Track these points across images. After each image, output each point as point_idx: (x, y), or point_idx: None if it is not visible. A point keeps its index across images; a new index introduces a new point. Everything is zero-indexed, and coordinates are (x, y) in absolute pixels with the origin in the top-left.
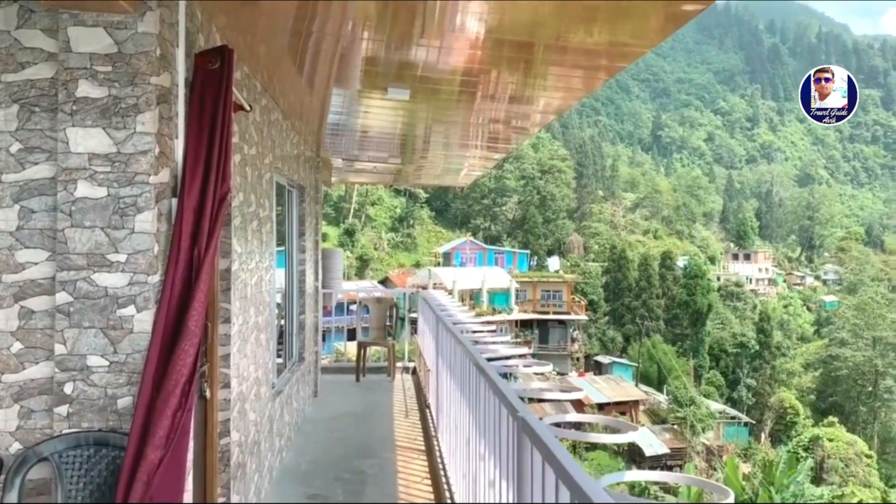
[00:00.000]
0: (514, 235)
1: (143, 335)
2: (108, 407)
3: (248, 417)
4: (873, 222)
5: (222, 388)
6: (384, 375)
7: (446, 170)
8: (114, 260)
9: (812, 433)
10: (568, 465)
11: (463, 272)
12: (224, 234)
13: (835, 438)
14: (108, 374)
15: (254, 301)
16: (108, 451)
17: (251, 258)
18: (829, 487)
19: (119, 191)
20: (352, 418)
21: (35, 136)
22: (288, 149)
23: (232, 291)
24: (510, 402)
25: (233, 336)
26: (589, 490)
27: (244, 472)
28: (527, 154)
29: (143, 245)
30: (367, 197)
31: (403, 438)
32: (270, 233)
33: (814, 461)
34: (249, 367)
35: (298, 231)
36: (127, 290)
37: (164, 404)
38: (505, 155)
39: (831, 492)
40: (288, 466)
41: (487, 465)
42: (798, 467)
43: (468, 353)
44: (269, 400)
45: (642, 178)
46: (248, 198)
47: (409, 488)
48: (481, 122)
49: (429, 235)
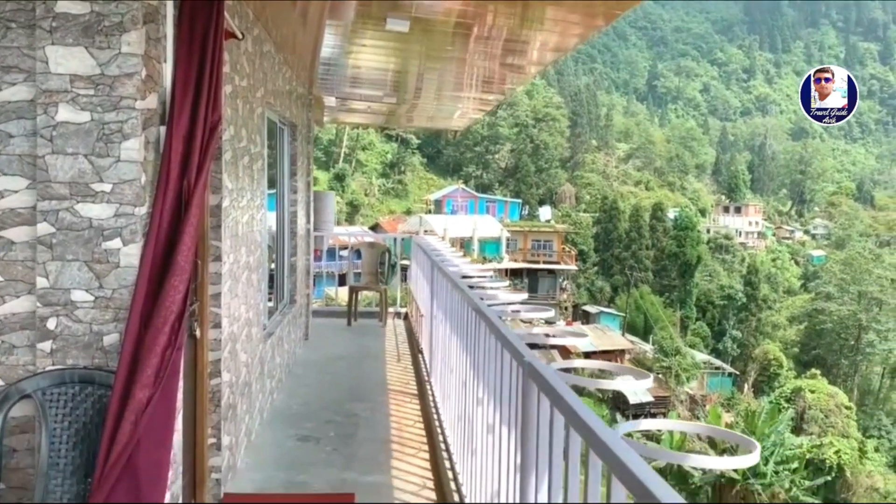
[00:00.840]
0: (506, 184)
1: (129, 269)
2: (94, 344)
3: (239, 358)
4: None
5: (213, 328)
6: (376, 320)
7: (440, 110)
8: (98, 190)
9: (794, 385)
10: (580, 410)
11: (454, 220)
12: (214, 168)
13: (816, 390)
14: (94, 309)
15: (245, 240)
16: (93, 389)
17: (242, 195)
18: (809, 437)
19: (103, 116)
20: (343, 362)
21: (11, 54)
22: (280, 84)
23: (223, 229)
24: (515, 347)
25: (224, 275)
26: (605, 436)
27: (235, 413)
28: (521, 101)
29: (130, 174)
30: (358, 141)
31: (396, 382)
32: (262, 170)
33: (795, 412)
34: (240, 307)
35: (290, 171)
36: (112, 222)
37: (153, 342)
38: (500, 98)
39: (810, 441)
40: (279, 408)
41: (486, 410)
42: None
43: (467, 297)
44: (261, 341)
45: (636, 129)
46: (238, 132)
47: (401, 431)
48: (477, 61)
49: (420, 182)
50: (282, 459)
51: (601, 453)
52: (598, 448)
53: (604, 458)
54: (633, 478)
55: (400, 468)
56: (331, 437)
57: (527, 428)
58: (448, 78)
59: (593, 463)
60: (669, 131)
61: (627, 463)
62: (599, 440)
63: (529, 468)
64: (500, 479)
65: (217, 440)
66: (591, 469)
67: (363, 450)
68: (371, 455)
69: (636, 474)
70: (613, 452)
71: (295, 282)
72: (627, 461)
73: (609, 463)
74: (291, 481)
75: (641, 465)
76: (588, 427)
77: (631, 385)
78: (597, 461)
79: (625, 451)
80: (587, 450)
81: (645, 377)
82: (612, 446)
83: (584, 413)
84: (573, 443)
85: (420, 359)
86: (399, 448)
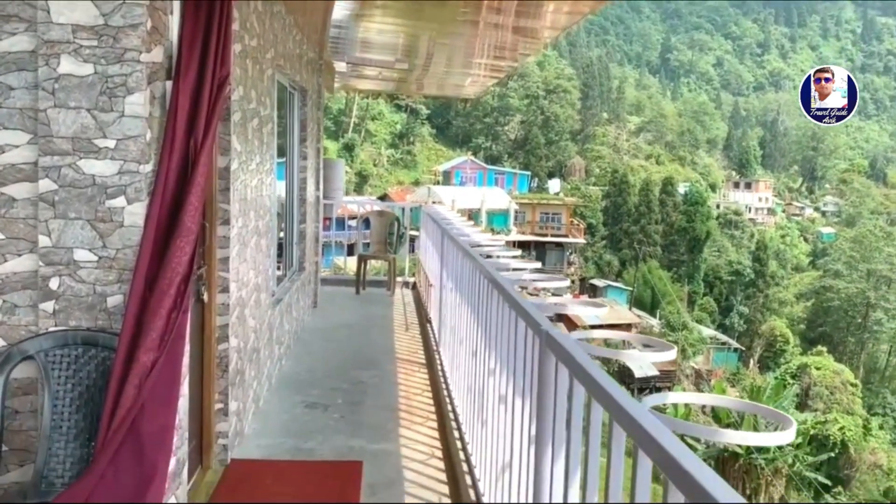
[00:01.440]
0: (515, 156)
1: (134, 229)
2: (98, 305)
3: (247, 324)
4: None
5: (221, 293)
6: (384, 289)
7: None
8: (102, 146)
9: (800, 361)
10: (603, 381)
11: (462, 191)
12: (223, 129)
13: (822, 367)
14: (97, 269)
15: (254, 204)
16: (97, 351)
17: (251, 158)
18: (813, 413)
19: (107, 68)
20: (351, 330)
21: (11, 2)
22: (290, 46)
23: (231, 192)
24: (532, 316)
25: (232, 239)
26: (631, 408)
27: (242, 379)
28: (532, 72)
29: (134, 130)
30: (368, 111)
31: (404, 351)
32: (271, 134)
33: (800, 388)
34: (249, 272)
35: (300, 136)
36: (116, 180)
37: (158, 304)
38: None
39: (815, 417)
40: (287, 374)
41: (498, 380)
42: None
43: (479, 266)
44: (269, 307)
45: (648, 102)
46: (248, 93)
47: (409, 400)
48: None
49: (429, 153)
50: (289, 426)
51: (627, 426)
52: (623, 421)
53: (630, 432)
54: (661, 451)
55: (408, 436)
56: (338, 404)
57: (543, 399)
58: (460, 43)
59: (617, 436)
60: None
61: (656, 436)
62: (625, 412)
63: (545, 440)
64: (513, 451)
65: (224, 406)
66: (615, 442)
67: (371, 417)
68: (379, 423)
69: (665, 448)
70: (641, 425)
71: (304, 249)
72: (656, 435)
73: (635, 436)
74: (299, 448)
75: (671, 438)
76: (612, 398)
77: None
78: (621, 434)
79: (653, 425)
80: (610, 422)
81: (668, 349)
82: (639, 419)
83: (608, 384)
84: (594, 415)
85: (428, 328)
86: (407, 416)
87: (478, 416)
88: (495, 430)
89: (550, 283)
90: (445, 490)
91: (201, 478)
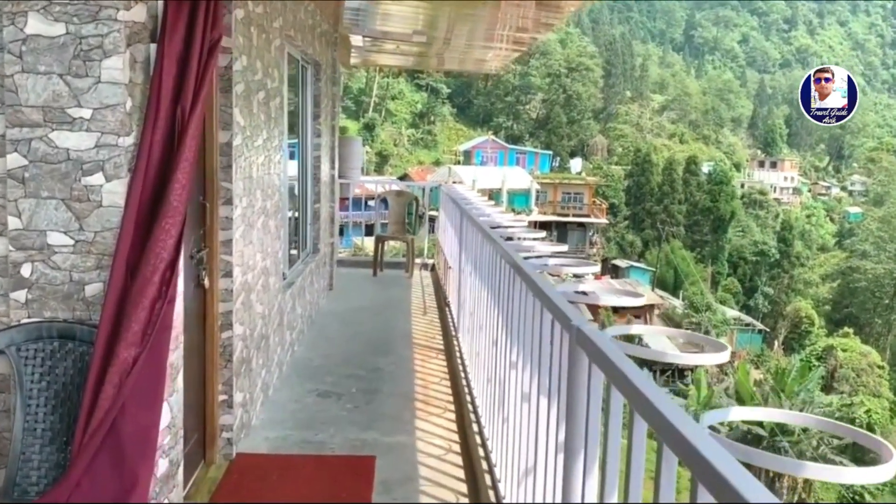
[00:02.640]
0: (536, 135)
1: (114, 209)
2: (75, 294)
3: (254, 310)
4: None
5: (223, 277)
6: (402, 271)
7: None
8: (76, 116)
9: (826, 343)
10: (650, 393)
11: (483, 171)
12: (224, 101)
13: (848, 349)
14: (74, 254)
15: (260, 183)
16: (74, 345)
17: (257, 134)
18: (839, 396)
19: (81, 28)
20: (368, 313)
21: None
22: (302, 17)
23: (234, 169)
24: (560, 308)
25: (235, 220)
26: (687, 430)
27: (249, 368)
28: (554, 50)
29: (113, 98)
30: (388, 91)
31: (421, 336)
32: (280, 108)
33: (826, 370)
34: (256, 255)
35: (313, 113)
36: (94, 154)
37: (140, 294)
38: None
39: (840, 400)
40: (299, 361)
41: (521, 375)
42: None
43: (500, 249)
44: (280, 291)
45: (672, 80)
46: (252, 63)
47: (426, 389)
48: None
49: (449, 133)
50: (300, 417)
51: (682, 452)
52: (677, 445)
53: (685, 458)
54: (727, 488)
55: (424, 429)
56: (352, 393)
57: (574, 403)
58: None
59: (668, 458)
60: (706, 83)
61: (720, 468)
62: (679, 435)
63: (575, 449)
64: (538, 455)
65: (229, 397)
66: (665, 465)
67: (386, 407)
68: (394, 413)
69: (735, 486)
70: (700, 453)
71: (318, 230)
72: (720, 466)
73: (692, 466)
74: (308, 441)
75: (741, 474)
76: (661, 415)
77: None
78: (672, 458)
79: (715, 453)
80: (660, 445)
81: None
82: (697, 444)
83: (656, 396)
84: (637, 430)
85: (447, 312)
86: (423, 407)
87: (498, 411)
88: (518, 429)
89: (579, 268)
90: (463, 489)
91: (204, 474)
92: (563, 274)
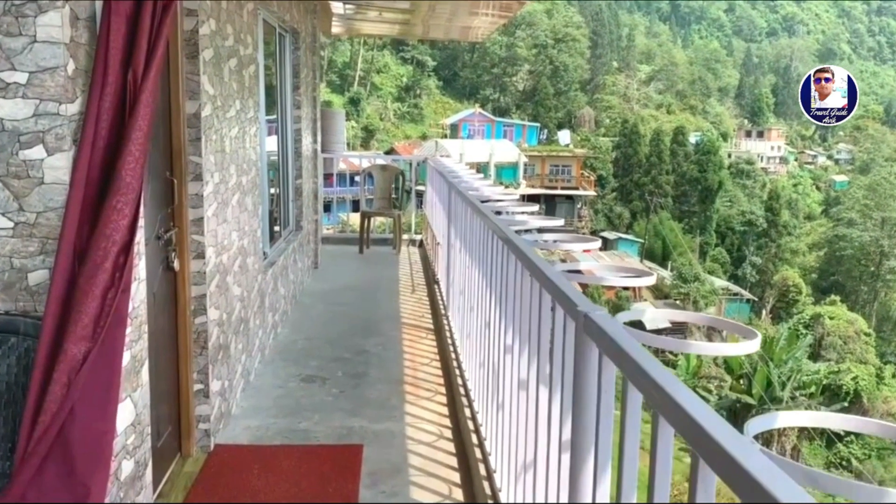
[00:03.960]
0: (523, 108)
1: (57, 187)
2: (17, 283)
3: (230, 292)
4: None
5: (195, 259)
6: (389, 248)
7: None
8: (10, 81)
9: (813, 311)
10: (681, 396)
11: (471, 145)
12: (190, 68)
13: (835, 317)
14: (14, 238)
15: (235, 157)
16: (17, 340)
17: (229, 104)
18: (827, 363)
19: None
20: (354, 292)
21: None
22: None
23: (203, 142)
24: (563, 292)
25: (206, 197)
26: (730, 444)
27: (227, 354)
28: (540, 20)
29: (52, 60)
30: (373, 64)
31: (409, 315)
32: (255, 77)
33: (813, 338)
34: (231, 234)
35: (293, 84)
36: (32, 124)
37: (90, 282)
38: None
39: (828, 367)
40: (283, 343)
41: (518, 360)
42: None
43: (492, 225)
44: (260, 272)
45: (658, 50)
46: (222, 28)
47: (415, 371)
48: None
49: (436, 106)
50: (283, 403)
51: (726, 472)
52: (719, 463)
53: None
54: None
55: (414, 413)
56: (338, 377)
57: (581, 398)
58: None
59: (704, 478)
60: (692, 53)
61: (775, 491)
62: (720, 449)
63: (584, 450)
64: (538, 450)
65: (205, 386)
66: (701, 486)
67: (373, 392)
68: (382, 398)
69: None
70: (749, 473)
71: (301, 206)
72: (775, 489)
73: (741, 489)
74: (293, 429)
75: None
76: (696, 424)
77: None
78: (709, 476)
79: (770, 474)
80: (695, 460)
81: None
82: (745, 462)
83: (687, 399)
84: (662, 436)
85: (436, 290)
86: (413, 390)
87: (492, 396)
88: (515, 418)
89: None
90: (456, 478)
91: (180, 468)
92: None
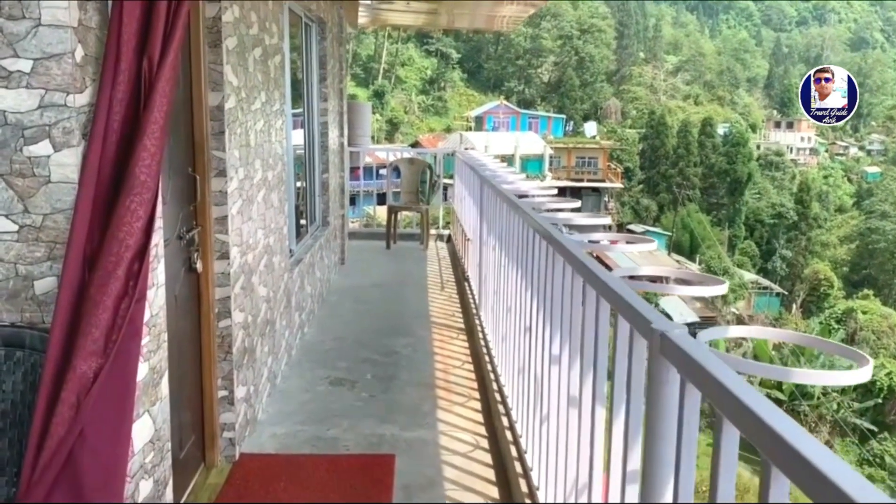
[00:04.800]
0: (548, 99)
1: (65, 186)
2: (22, 292)
3: (256, 293)
4: None
5: (219, 259)
6: (417, 243)
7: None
8: (13, 69)
9: (846, 305)
10: (801, 443)
11: (495, 137)
12: (213, 58)
13: (869, 311)
14: (19, 243)
15: (260, 151)
16: (24, 354)
17: (254, 96)
18: None
19: None
20: (382, 289)
21: None
22: None
23: (227, 136)
24: (632, 305)
25: (231, 194)
26: None
27: (252, 358)
28: (566, 12)
29: (58, 46)
30: (398, 57)
31: (439, 314)
32: (281, 68)
33: (845, 333)
34: (257, 232)
35: (319, 75)
36: (37, 118)
37: (101, 291)
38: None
39: None
40: (310, 344)
41: (566, 373)
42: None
43: (537, 225)
44: (286, 270)
45: (686, 40)
46: (246, 15)
47: (447, 374)
48: None
49: (460, 99)
50: (310, 409)
51: None
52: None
53: None
54: None
55: (447, 421)
56: (367, 379)
57: (655, 425)
58: None
59: None
60: (721, 43)
61: None
62: None
63: (658, 484)
64: (593, 478)
65: (229, 393)
66: None
67: (404, 396)
68: (413, 403)
69: None
70: None
71: (328, 201)
72: None
73: None
74: (320, 437)
75: None
76: (824, 478)
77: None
78: None
79: None
80: None
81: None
82: None
83: (806, 445)
84: (780, 487)
85: (466, 287)
86: (445, 395)
87: (534, 407)
88: (564, 435)
89: (637, 246)
90: (495, 493)
91: (203, 479)
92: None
